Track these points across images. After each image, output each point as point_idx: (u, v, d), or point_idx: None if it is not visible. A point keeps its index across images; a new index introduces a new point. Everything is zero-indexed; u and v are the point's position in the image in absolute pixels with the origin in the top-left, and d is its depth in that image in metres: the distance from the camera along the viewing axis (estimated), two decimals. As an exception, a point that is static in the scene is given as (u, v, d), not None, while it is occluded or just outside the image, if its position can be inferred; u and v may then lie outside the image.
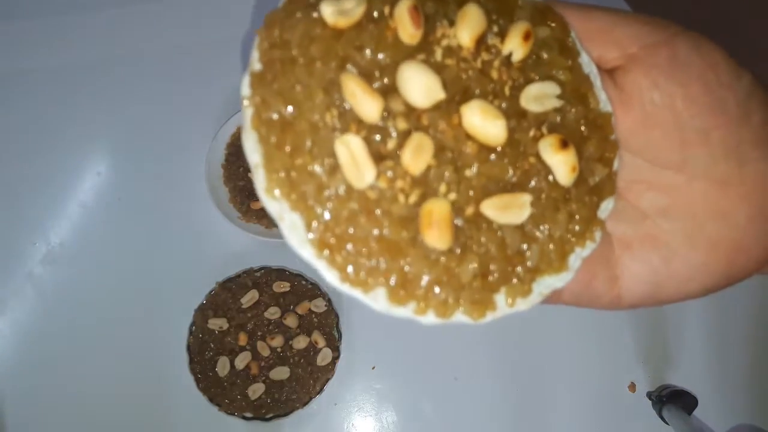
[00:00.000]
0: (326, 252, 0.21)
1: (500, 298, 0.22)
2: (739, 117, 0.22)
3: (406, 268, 0.21)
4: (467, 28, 0.22)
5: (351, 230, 0.21)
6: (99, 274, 0.58)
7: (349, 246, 0.21)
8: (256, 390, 0.50)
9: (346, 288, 0.21)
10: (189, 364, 0.51)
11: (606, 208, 0.23)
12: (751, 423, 0.57)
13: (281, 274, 0.55)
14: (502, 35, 0.22)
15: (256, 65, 0.22)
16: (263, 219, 0.57)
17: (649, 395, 0.57)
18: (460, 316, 0.22)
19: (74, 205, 0.61)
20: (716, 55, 0.22)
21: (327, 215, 0.21)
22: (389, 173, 0.21)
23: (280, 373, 0.51)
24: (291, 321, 0.52)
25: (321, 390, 0.51)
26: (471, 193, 0.22)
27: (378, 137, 0.21)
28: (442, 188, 0.21)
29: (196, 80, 0.67)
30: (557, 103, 0.23)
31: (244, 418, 0.50)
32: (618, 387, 0.57)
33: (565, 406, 0.56)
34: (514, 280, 0.22)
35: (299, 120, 0.21)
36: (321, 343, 0.52)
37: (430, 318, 0.22)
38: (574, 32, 0.23)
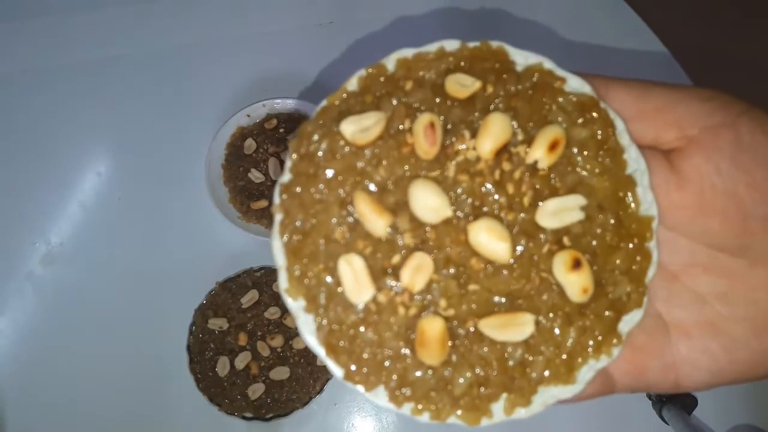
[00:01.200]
0: (332, 353, 0.22)
1: (498, 406, 0.22)
2: None
3: (404, 373, 0.22)
4: (488, 140, 0.22)
5: (354, 336, 0.22)
6: (99, 274, 0.58)
7: (352, 349, 0.22)
8: (256, 390, 0.50)
9: (349, 384, 0.22)
10: (189, 364, 0.51)
11: (631, 320, 0.23)
12: (750, 423, 0.57)
13: (281, 274, 0.55)
14: (529, 141, 0.22)
15: (287, 175, 0.23)
16: (263, 219, 0.57)
17: (649, 395, 0.56)
18: (454, 420, 0.22)
19: (74, 205, 0.61)
20: None
21: (333, 322, 0.22)
22: (392, 288, 0.22)
23: (280, 373, 0.51)
24: (291, 321, 0.52)
25: (321, 390, 0.51)
26: (473, 307, 0.22)
27: (384, 251, 0.22)
28: (443, 303, 0.22)
29: (196, 80, 0.67)
30: (580, 216, 0.22)
31: (244, 418, 0.50)
32: (618, 387, 0.57)
33: (565, 405, 0.56)
34: (514, 391, 0.22)
35: (315, 232, 0.22)
36: (321, 343, 0.52)
37: (425, 419, 0.22)
38: (622, 123, 0.22)
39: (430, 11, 0.71)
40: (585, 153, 0.22)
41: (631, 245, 0.22)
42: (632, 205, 0.22)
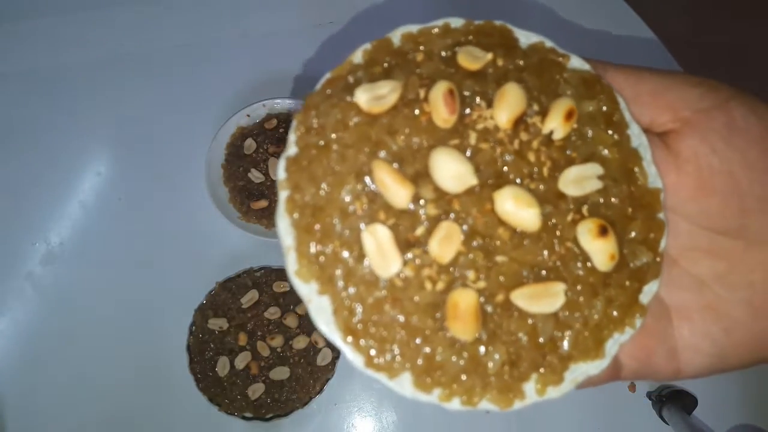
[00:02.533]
0: (351, 337, 0.21)
1: (530, 386, 0.22)
2: None
3: (432, 355, 0.21)
4: (505, 110, 0.21)
5: (377, 316, 0.21)
6: (99, 274, 0.58)
7: (375, 331, 0.21)
8: (256, 390, 0.50)
9: (370, 372, 0.21)
10: (189, 364, 0.51)
11: (650, 290, 0.23)
12: (751, 423, 0.57)
13: (281, 274, 0.55)
14: (543, 113, 0.22)
15: (292, 149, 0.22)
16: (263, 219, 0.57)
17: (649, 395, 0.57)
18: (486, 404, 0.22)
19: (74, 205, 0.61)
20: None
21: (353, 301, 0.21)
22: (417, 261, 0.21)
23: (280, 373, 0.51)
24: (291, 321, 0.52)
25: (321, 390, 0.51)
26: (502, 279, 0.21)
27: (407, 223, 0.21)
28: (471, 275, 0.21)
29: (196, 80, 0.67)
30: (599, 185, 0.22)
31: (244, 418, 0.50)
32: (618, 387, 0.57)
33: (565, 405, 0.56)
34: (546, 369, 0.22)
35: (330, 206, 0.21)
36: (321, 343, 0.52)
37: (455, 405, 0.22)
38: (623, 101, 0.23)
39: (430, 11, 0.71)
40: (594, 126, 0.22)
41: (644, 215, 0.22)
42: (640, 177, 0.22)
